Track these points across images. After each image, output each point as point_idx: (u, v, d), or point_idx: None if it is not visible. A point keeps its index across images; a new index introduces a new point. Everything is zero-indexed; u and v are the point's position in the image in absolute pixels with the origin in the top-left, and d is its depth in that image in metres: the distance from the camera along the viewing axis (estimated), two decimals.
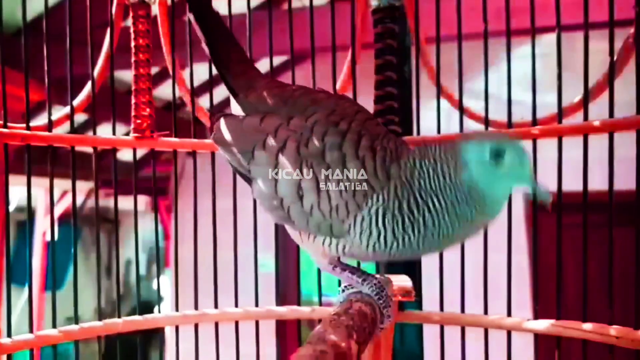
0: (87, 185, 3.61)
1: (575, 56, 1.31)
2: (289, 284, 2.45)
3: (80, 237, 5.44)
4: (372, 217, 0.82)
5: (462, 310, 1.28)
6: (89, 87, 1.34)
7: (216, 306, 1.37)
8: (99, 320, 1.31)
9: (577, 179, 1.15)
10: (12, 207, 3.70)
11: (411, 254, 0.85)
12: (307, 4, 1.34)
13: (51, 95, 1.29)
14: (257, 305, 1.37)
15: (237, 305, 1.37)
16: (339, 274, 0.92)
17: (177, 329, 1.37)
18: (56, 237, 1.35)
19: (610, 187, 1.13)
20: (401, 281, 1.19)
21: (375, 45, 1.31)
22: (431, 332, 1.35)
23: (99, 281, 1.48)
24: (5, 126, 1.20)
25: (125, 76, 3.18)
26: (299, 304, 1.35)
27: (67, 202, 4.46)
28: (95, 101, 1.33)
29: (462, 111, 1.30)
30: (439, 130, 1.31)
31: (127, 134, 1.39)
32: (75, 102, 1.32)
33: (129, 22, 1.36)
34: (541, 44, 1.28)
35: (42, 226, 4.64)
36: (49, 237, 3.45)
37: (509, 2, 1.23)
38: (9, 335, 1.18)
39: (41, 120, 1.28)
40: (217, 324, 1.37)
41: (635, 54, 1.11)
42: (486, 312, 1.26)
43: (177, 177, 1.44)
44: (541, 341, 1.24)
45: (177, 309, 1.36)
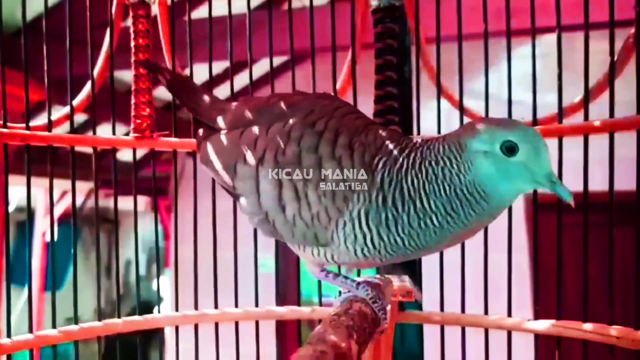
0: (86, 185, 3.61)
1: (575, 56, 1.31)
2: (289, 284, 2.45)
3: (80, 238, 5.44)
4: (354, 220, 0.77)
5: (463, 310, 1.28)
6: (88, 87, 1.33)
7: (216, 306, 1.36)
8: (99, 320, 1.31)
9: (577, 179, 1.15)
10: (11, 207, 3.70)
11: (404, 256, 0.80)
12: (307, 4, 1.34)
13: (51, 95, 1.29)
14: (257, 305, 1.37)
15: (237, 305, 1.37)
16: (332, 280, 0.89)
17: (177, 329, 1.37)
18: (56, 237, 1.35)
19: (610, 188, 1.13)
20: (401, 281, 1.19)
21: (375, 45, 1.31)
22: (431, 332, 1.35)
23: (98, 281, 1.48)
24: (4, 126, 1.20)
25: (125, 76, 3.17)
26: (299, 304, 1.35)
27: (66, 202, 4.45)
28: (95, 101, 1.33)
29: (463, 111, 1.29)
30: (439, 130, 1.31)
31: (127, 134, 1.39)
32: (75, 102, 1.32)
33: (129, 22, 1.36)
34: (541, 44, 1.28)
35: (41, 226, 4.64)
36: (48, 238, 3.45)
37: (509, 2, 1.23)
38: (9, 335, 1.18)
39: (41, 120, 1.28)
40: (217, 324, 1.36)
41: (635, 54, 1.11)
42: (486, 312, 1.26)
43: (177, 177, 1.44)
44: (541, 341, 1.24)
45: (177, 309, 1.36)
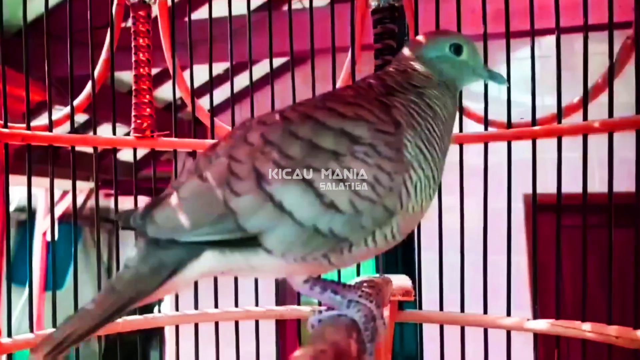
0: (87, 185, 3.62)
1: (574, 58, 1.32)
2: (288, 283, 2.45)
3: (80, 237, 5.44)
4: (417, 153, 0.73)
5: (462, 310, 1.28)
6: (89, 87, 1.34)
7: (216, 306, 1.37)
8: None
9: (576, 180, 1.15)
10: (12, 207, 3.70)
11: (443, 158, 0.79)
12: (307, 5, 1.34)
13: (52, 95, 1.30)
14: (257, 304, 1.38)
15: (237, 305, 1.37)
16: (318, 295, 0.78)
17: (177, 328, 1.37)
18: (56, 237, 1.35)
19: (609, 189, 1.14)
20: (401, 281, 1.20)
21: (374, 45, 1.31)
22: (431, 332, 1.35)
23: (99, 281, 1.48)
24: (5, 126, 1.21)
25: (125, 76, 3.18)
26: (299, 304, 1.35)
27: (67, 202, 4.45)
28: (95, 101, 1.34)
29: (462, 111, 1.30)
30: None
31: (128, 134, 1.39)
32: (75, 102, 1.32)
33: (129, 22, 1.37)
34: (540, 46, 1.29)
35: (42, 226, 4.65)
36: (49, 237, 3.45)
37: (509, 4, 1.24)
38: (9, 334, 1.18)
39: (42, 120, 1.28)
40: (217, 324, 1.37)
41: (634, 55, 1.11)
42: (486, 312, 1.26)
43: (178, 177, 1.44)
44: (541, 341, 1.25)
45: (177, 309, 1.36)
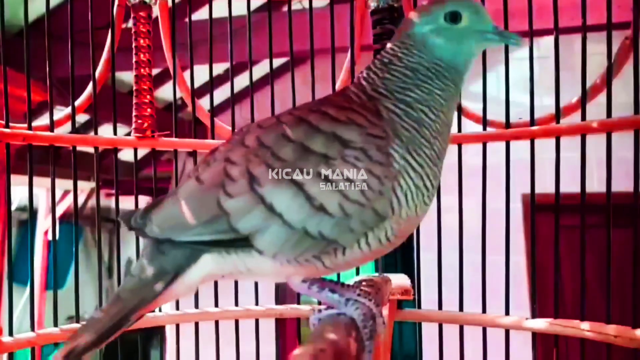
0: (88, 185, 3.63)
1: (573, 58, 1.32)
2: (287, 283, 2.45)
3: (81, 237, 5.45)
4: (406, 156, 0.71)
5: (461, 309, 1.28)
6: (90, 87, 1.34)
7: (216, 305, 1.37)
8: None
9: (575, 180, 1.15)
10: (14, 207, 3.71)
11: (443, 154, 0.76)
12: (306, 6, 1.35)
13: (53, 95, 1.30)
14: (257, 304, 1.38)
15: (237, 304, 1.38)
16: (316, 294, 0.77)
17: (177, 327, 1.38)
18: (57, 237, 1.36)
19: (608, 189, 1.14)
20: (400, 280, 1.20)
21: (374, 46, 1.31)
22: (430, 331, 1.36)
23: (100, 280, 1.49)
24: (7, 126, 1.21)
25: (126, 77, 3.18)
26: (299, 303, 1.36)
27: (68, 201, 4.46)
28: (96, 101, 1.34)
29: (461, 112, 1.30)
30: None
31: (128, 134, 1.40)
32: (76, 103, 1.33)
33: (130, 23, 1.37)
34: (539, 47, 1.29)
35: (43, 226, 4.65)
36: (50, 237, 3.46)
37: (507, 5, 1.24)
38: (11, 333, 1.19)
39: (43, 120, 1.29)
40: (217, 323, 1.37)
41: (632, 56, 1.12)
42: (484, 311, 1.26)
43: (178, 177, 1.45)
44: (539, 340, 1.25)
45: (177, 308, 1.37)
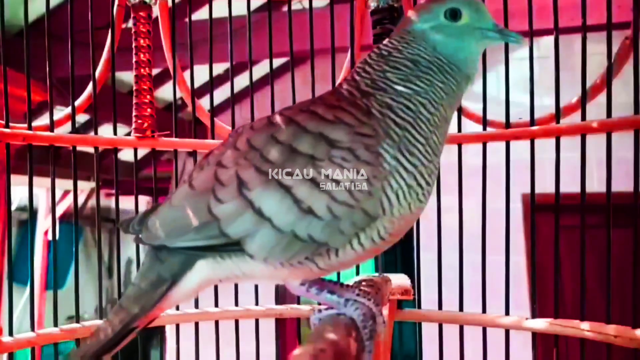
0: (88, 185, 3.63)
1: (573, 58, 1.32)
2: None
3: (81, 237, 5.45)
4: (398, 155, 0.70)
5: (461, 309, 1.28)
6: (90, 87, 1.34)
7: (216, 305, 1.37)
8: (100, 318, 1.31)
9: (575, 180, 1.15)
10: (14, 207, 3.71)
11: (439, 149, 0.75)
12: (306, 6, 1.35)
13: (53, 95, 1.30)
14: (257, 303, 1.38)
15: (237, 304, 1.38)
16: (315, 296, 0.77)
17: (177, 327, 1.38)
18: (57, 237, 1.36)
19: (608, 189, 1.14)
20: (400, 280, 1.20)
21: (374, 46, 1.31)
22: (430, 331, 1.36)
23: (100, 280, 1.49)
24: (7, 126, 1.21)
25: (126, 77, 3.18)
26: (299, 303, 1.36)
27: (68, 201, 4.46)
28: (96, 101, 1.34)
29: (461, 112, 1.30)
30: None
31: (128, 134, 1.40)
32: (76, 103, 1.33)
33: (130, 23, 1.37)
34: (539, 47, 1.29)
35: (43, 226, 4.65)
36: (50, 237, 3.46)
37: (507, 5, 1.24)
38: (11, 333, 1.19)
39: (43, 120, 1.29)
40: (217, 323, 1.37)
41: (632, 56, 1.12)
42: (484, 311, 1.26)
43: (178, 177, 1.45)
44: (539, 340, 1.25)
45: (177, 308, 1.36)
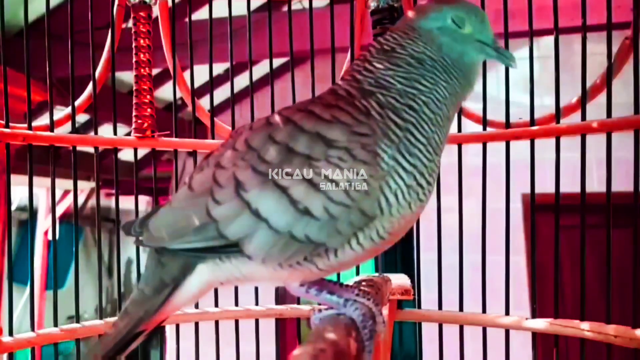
0: (88, 185, 3.63)
1: (573, 58, 1.32)
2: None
3: (81, 237, 5.45)
4: (396, 157, 0.69)
5: (461, 309, 1.28)
6: (90, 87, 1.34)
7: (216, 305, 1.37)
8: (100, 318, 1.32)
9: (575, 180, 1.15)
10: (14, 207, 3.71)
11: (441, 148, 0.74)
12: (306, 6, 1.35)
13: (53, 95, 1.30)
14: (257, 303, 1.38)
15: (237, 303, 1.38)
16: (314, 296, 0.77)
17: (177, 327, 1.38)
18: (57, 237, 1.36)
19: (608, 189, 1.14)
20: (400, 280, 1.20)
21: None
22: (430, 331, 1.36)
23: (100, 280, 1.49)
24: (7, 126, 1.21)
25: (126, 77, 3.18)
26: (299, 303, 1.36)
27: (68, 201, 4.46)
28: (96, 101, 1.34)
29: (461, 112, 1.30)
30: None
31: (128, 134, 1.40)
32: (76, 103, 1.33)
33: (130, 23, 1.37)
34: (539, 47, 1.29)
35: (43, 225, 4.65)
36: (50, 237, 3.46)
37: (507, 4, 1.24)
38: (11, 333, 1.19)
39: (43, 120, 1.29)
40: (217, 323, 1.37)
41: (632, 56, 1.12)
42: (484, 311, 1.26)
43: (178, 177, 1.45)
44: (539, 340, 1.25)
45: None
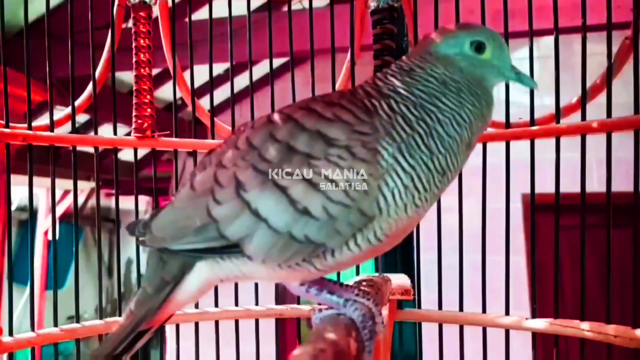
0: (88, 184, 3.63)
1: (573, 58, 1.32)
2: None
3: (81, 237, 5.45)
4: (395, 164, 0.68)
5: (461, 309, 1.28)
6: (90, 87, 1.34)
7: (216, 305, 1.37)
8: (100, 319, 1.32)
9: (575, 180, 1.15)
10: (14, 207, 3.71)
11: (444, 187, 0.73)
12: (306, 6, 1.35)
13: (53, 95, 1.30)
14: (257, 303, 1.38)
15: (237, 304, 1.38)
16: (314, 296, 0.77)
17: (177, 327, 1.38)
18: (57, 237, 1.36)
19: (608, 189, 1.14)
20: (400, 280, 1.20)
21: (374, 46, 1.32)
22: (430, 331, 1.36)
23: (100, 280, 1.49)
24: (7, 126, 1.21)
25: (126, 77, 3.18)
26: (299, 303, 1.36)
27: (68, 201, 4.46)
28: (96, 101, 1.34)
29: None
30: None
31: (128, 134, 1.40)
32: (76, 103, 1.33)
33: (130, 23, 1.37)
34: (539, 47, 1.29)
35: (43, 226, 4.65)
36: (50, 237, 3.46)
37: (507, 4, 1.24)
38: (11, 333, 1.19)
39: (43, 120, 1.29)
40: (217, 323, 1.37)
41: (632, 56, 1.12)
42: (484, 311, 1.26)
43: (178, 177, 1.45)
44: (539, 340, 1.25)
45: None
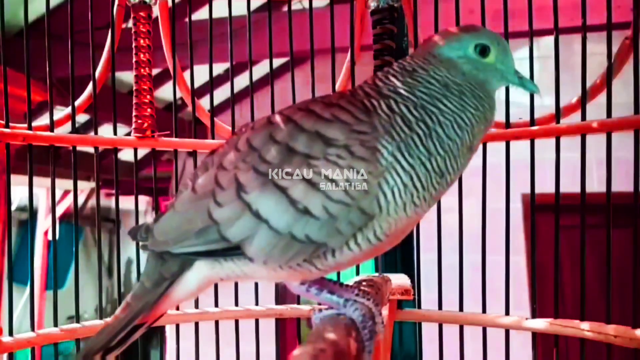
0: (88, 185, 3.63)
1: (573, 58, 1.32)
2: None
3: (81, 237, 5.45)
4: (395, 163, 0.69)
5: (461, 309, 1.28)
6: (90, 87, 1.34)
7: (216, 305, 1.37)
8: (100, 318, 1.32)
9: (575, 180, 1.15)
10: (14, 207, 3.71)
11: (444, 189, 0.73)
12: (306, 6, 1.35)
13: (53, 95, 1.30)
14: (257, 303, 1.38)
15: (237, 304, 1.38)
16: (315, 296, 0.78)
17: (177, 327, 1.38)
18: (57, 237, 1.36)
19: (608, 189, 1.14)
20: (400, 280, 1.20)
21: (374, 46, 1.32)
22: (430, 331, 1.36)
23: (100, 280, 1.49)
24: (7, 126, 1.21)
25: (126, 77, 3.18)
26: (299, 303, 1.36)
27: (68, 201, 4.46)
28: (96, 101, 1.34)
29: None
30: None
31: (128, 134, 1.40)
32: (76, 103, 1.33)
33: (130, 23, 1.37)
34: (539, 47, 1.29)
35: (43, 226, 4.65)
36: (50, 237, 3.46)
37: (507, 4, 1.24)
38: (11, 333, 1.19)
39: (43, 120, 1.29)
40: (217, 323, 1.37)
41: (632, 56, 1.12)
42: (484, 311, 1.26)
43: (178, 177, 1.45)
44: (539, 340, 1.25)
45: (177, 308, 1.36)
